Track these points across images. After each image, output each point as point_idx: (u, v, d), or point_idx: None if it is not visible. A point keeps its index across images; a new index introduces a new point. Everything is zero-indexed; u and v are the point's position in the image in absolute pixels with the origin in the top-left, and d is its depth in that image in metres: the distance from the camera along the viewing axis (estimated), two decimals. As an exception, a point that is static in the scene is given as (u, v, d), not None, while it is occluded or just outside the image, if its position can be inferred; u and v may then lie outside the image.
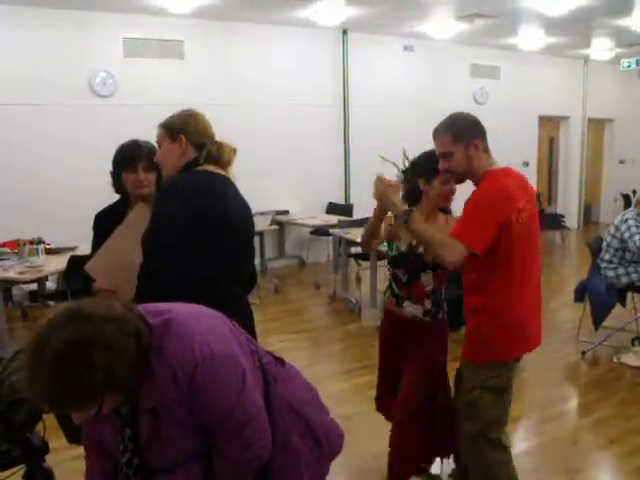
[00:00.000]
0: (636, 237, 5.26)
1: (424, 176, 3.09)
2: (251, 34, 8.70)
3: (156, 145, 2.64)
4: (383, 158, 7.29)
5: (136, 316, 1.63)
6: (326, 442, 1.94)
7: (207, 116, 2.60)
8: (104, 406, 1.56)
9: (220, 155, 2.49)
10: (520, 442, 3.90)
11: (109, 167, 2.82)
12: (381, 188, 2.85)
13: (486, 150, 2.70)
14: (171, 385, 1.61)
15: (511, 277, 2.65)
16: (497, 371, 2.74)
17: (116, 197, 2.90)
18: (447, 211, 3.22)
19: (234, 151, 2.54)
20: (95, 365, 1.48)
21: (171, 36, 8.13)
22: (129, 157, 2.74)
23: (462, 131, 2.68)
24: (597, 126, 13.55)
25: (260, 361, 1.87)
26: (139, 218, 2.58)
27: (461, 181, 2.81)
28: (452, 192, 3.07)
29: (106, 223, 2.72)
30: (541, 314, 2.88)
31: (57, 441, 2.32)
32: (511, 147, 11.52)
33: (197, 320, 1.72)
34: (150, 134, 2.71)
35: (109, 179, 2.84)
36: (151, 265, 2.31)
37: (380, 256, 6.57)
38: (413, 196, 3.12)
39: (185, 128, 2.50)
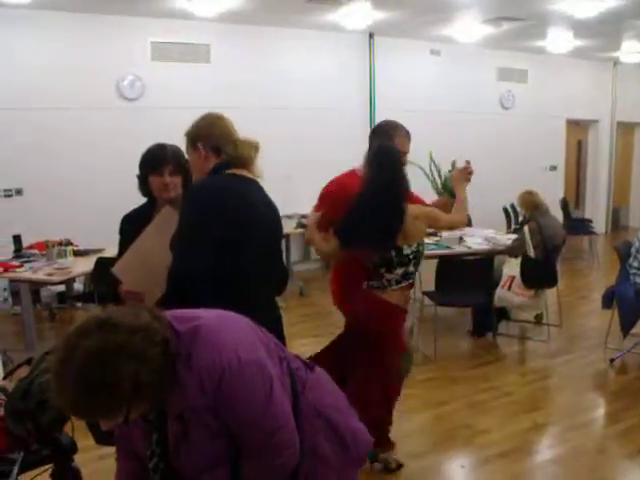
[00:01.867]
0: None
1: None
2: (277, 38, 8.73)
3: (184, 149, 2.66)
4: (410, 162, 7.30)
5: (163, 324, 1.63)
6: (354, 448, 1.92)
7: (233, 120, 2.61)
8: (130, 414, 1.57)
9: (238, 155, 2.48)
10: (546, 450, 3.87)
11: (137, 170, 2.85)
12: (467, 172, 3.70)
13: None
14: (198, 392, 1.62)
15: None
16: None
17: (143, 200, 2.92)
18: None
19: (255, 147, 2.53)
20: (122, 375, 1.49)
21: (198, 40, 8.20)
22: (155, 161, 2.76)
23: None
24: (626, 130, 13.38)
25: (289, 367, 1.87)
26: (166, 221, 2.60)
27: None
28: None
29: (133, 226, 2.74)
30: None
31: (85, 441, 2.34)
32: (538, 151, 11.47)
33: (225, 327, 1.72)
34: (177, 137, 2.72)
35: (136, 182, 2.86)
36: (179, 268, 2.32)
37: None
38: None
39: (201, 134, 2.53)
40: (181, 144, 2.69)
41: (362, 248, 3.31)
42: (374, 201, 3.22)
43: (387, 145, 3.49)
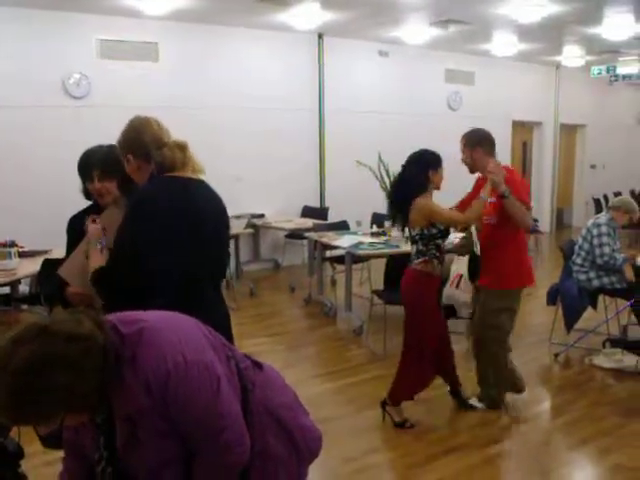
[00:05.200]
0: (606, 248, 5.35)
1: (432, 167, 4.06)
2: (227, 37, 8.69)
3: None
4: (359, 162, 7.39)
5: (106, 330, 1.61)
6: (304, 445, 1.94)
7: (182, 120, 2.59)
8: (66, 421, 1.56)
9: (165, 160, 2.44)
10: (494, 444, 3.94)
11: None
12: (499, 171, 3.79)
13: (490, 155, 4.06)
14: (145, 394, 1.61)
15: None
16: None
17: (90, 201, 2.88)
18: None
19: (180, 148, 2.46)
20: (55, 385, 1.48)
21: (146, 38, 8.10)
22: (82, 167, 2.74)
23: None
24: (569, 131, 13.74)
25: (237, 366, 1.87)
26: (111, 222, 2.57)
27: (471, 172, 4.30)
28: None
29: (79, 227, 2.70)
30: None
31: (31, 446, 2.30)
32: (485, 152, 11.65)
33: (170, 328, 1.72)
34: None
35: (80, 183, 2.82)
36: (122, 271, 2.32)
37: (355, 260, 6.61)
38: (419, 181, 4.03)
39: (128, 146, 2.50)
40: None
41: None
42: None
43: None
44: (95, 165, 2.70)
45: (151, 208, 2.36)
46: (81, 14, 7.52)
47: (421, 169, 4.05)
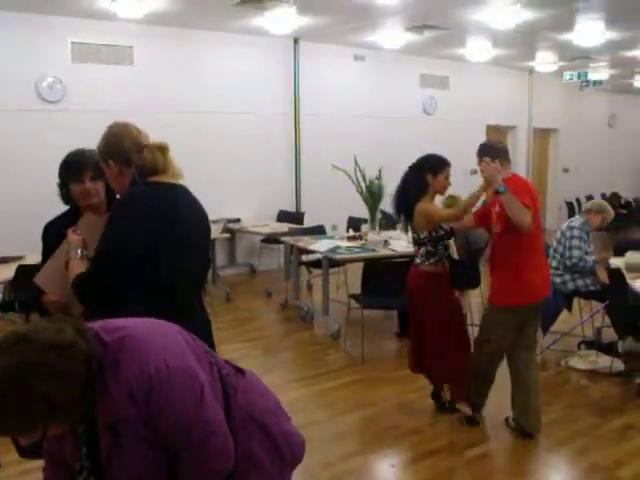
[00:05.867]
0: (575, 251, 5.42)
1: (431, 172, 4.17)
2: (203, 41, 8.67)
3: None
4: (334, 167, 7.40)
5: (88, 338, 1.59)
6: (287, 450, 1.94)
7: (158, 124, 2.56)
8: (48, 431, 1.53)
9: (146, 162, 2.42)
10: (473, 448, 3.96)
11: (56, 175, 2.76)
12: (491, 168, 3.76)
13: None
14: (128, 402, 1.60)
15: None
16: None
17: (65, 206, 2.83)
18: None
19: (161, 149, 2.45)
20: (33, 395, 1.45)
21: (120, 42, 8.03)
22: (74, 167, 2.69)
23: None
24: (542, 135, 13.91)
25: (220, 373, 1.86)
26: (89, 229, 2.54)
27: None
28: (448, 185, 4.26)
29: (55, 234, 2.66)
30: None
31: (7, 455, 2.26)
32: (460, 156, 11.68)
33: (152, 335, 1.71)
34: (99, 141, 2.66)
35: (56, 188, 2.77)
36: (105, 275, 2.30)
37: (332, 264, 6.61)
38: (418, 186, 4.17)
39: (109, 151, 2.46)
40: None
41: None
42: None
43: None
44: (89, 165, 2.66)
45: (136, 213, 2.33)
46: (54, 17, 7.45)
47: (420, 174, 4.19)
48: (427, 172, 4.17)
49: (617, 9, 7.47)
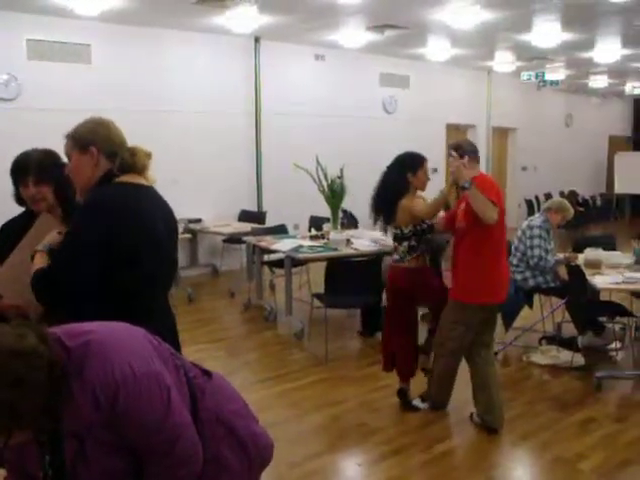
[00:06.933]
0: (536, 251, 5.49)
1: (411, 170, 4.24)
2: (162, 40, 8.57)
3: (64, 156, 2.52)
4: (296, 165, 7.37)
5: (51, 344, 1.55)
6: (256, 452, 1.92)
7: (117, 123, 2.51)
8: (11, 440, 1.49)
9: (134, 162, 2.41)
10: (439, 443, 3.98)
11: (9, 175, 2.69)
12: (456, 163, 3.86)
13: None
14: (93, 408, 1.56)
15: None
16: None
17: (21, 208, 2.76)
18: None
19: (148, 155, 2.47)
20: None
21: (78, 39, 7.89)
22: (17, 171, 2.63)
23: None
24: (501, 134, 14.09)
25: (186, 375, 1.84)
26: (44, 231, 2.48)
27: None
28: (428, 180, 4.36)
29: (11, 236, 2.59)
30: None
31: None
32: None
33: (117, 339, 1.67)
34: (55, 140, 2.60)
35: (10, 188, 2.70)
36: (64, 275, 2.24)
37: (294, 263, 6.58)
38: (400, 186, 4.22)
39: (95, 138, 2.38)
40: (59, 147, 2.54)
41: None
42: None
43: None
44: (30, 169, 2.59)
45: (103, 212, 2.28)
46: (9, 12, 7.28)
47: (399, 173, 4.25)
48: (407, 171, 4.24)
49: (573, 11, 7.60)
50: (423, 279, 4.27)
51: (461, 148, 4.08)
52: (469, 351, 4.16)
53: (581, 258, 5.63)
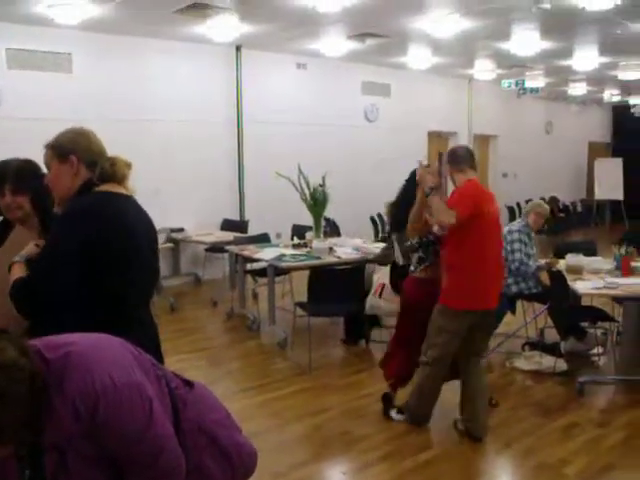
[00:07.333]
0: (517, 255, 5.53)
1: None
2: (143, 49, 8.54)
3: (44, 166, 2.50)
4: (278, 174, 7.36)
5: (31, 357, 1.53)
6: (239, 462, 1.91)
7: (98, 133, 2.50)
8: None
9: (115, 171, 2.39)
10: (422, 452, 3.98)
11: None
12: (420, 171, 4.00)
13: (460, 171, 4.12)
14: (74, 420, 1.54)
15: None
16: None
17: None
18: None
19: (129, 165, 2.45)
20: None
21: (58, 48, 7.85)
22: None
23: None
24: (482, 142, 14.17)
25: (168, 386, 1.82)
26: (19, 243, 2.45)
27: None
28: None
29: None
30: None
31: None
32: (401, 162, 11.86)
33: (98, 350, 1.65)
34: (35, 150, 2.57)
35: None
36: (45, 290, 2.22)
37: (277, 272, 6.57)
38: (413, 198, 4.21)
39: (75, 147, 2.37)
40: (39, 157, 2.52)
41: None
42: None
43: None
44: (8, 178, 2.57)
45: (84, 221, 2.26)
46: (-12, 22, 7.22)
47: (413, 185, 4.27)
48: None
49: (551, 20, 7.66)
50: (432, 290, 4.14)
51: (448, 154, 4.22)
52: (462, 359, 4.15)
53: (562, 264, 5.67)
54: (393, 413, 4.39)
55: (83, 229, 2.23)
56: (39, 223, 2.61)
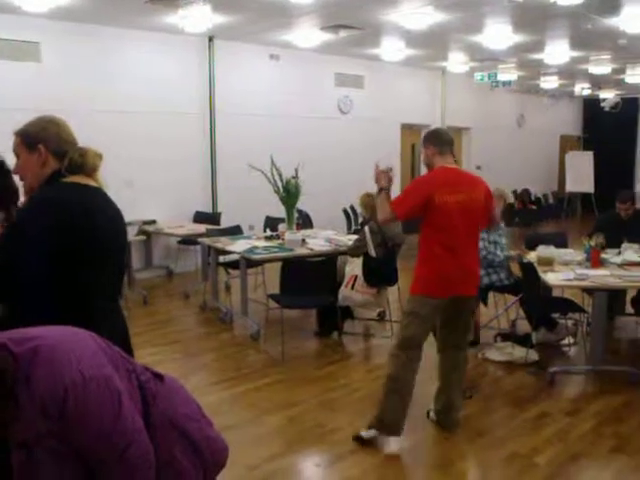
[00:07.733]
0: (480, 244, 5.55)
1: None
2: (114, 38, 8.42)
3: (14, 155, 2.46)
4: (251, 166, 7.33)
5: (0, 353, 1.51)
6: (209, 456, 1.89)
7: (69, 123, 2.46)
8: None
9: (84, 162, 2.36)
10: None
11: None
12: (376, 170, 4.01)
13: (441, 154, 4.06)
14: (41, 416, 1.51)
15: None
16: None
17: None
18: None
19: (99, 157, 2.42)
20: None
21: (26, 37, 7.70)
22: None
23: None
24: (455, 134, 14.18)
25: (138, 379, 1.80)
26: None
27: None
28: None
29: None
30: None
31: None
32: (375, 154, 11.89)
33: (66, 344, 1.62)
34: (4, 141, 2.54)
35: None
36: (9, 277, 2.18)
37: (250, 264, 6.55)
38: None
39: (44, 136, 2.35)
40: (6, 149, 2.46)
41: None
42: None
43: None
44: None
45: (50, 212, 2.22)
46: (-47, 10, 7.07)
47: None
48: None
49: (523, 14, 7.71)
50: None
51: (426, 135, 4.27)
52: (441, 351, 4.19)
53: (534, 255, 5.72)
54: (363, 432, 4.03)
55: (46, 218, 2.20)
56: (4, 220, 2.57)
